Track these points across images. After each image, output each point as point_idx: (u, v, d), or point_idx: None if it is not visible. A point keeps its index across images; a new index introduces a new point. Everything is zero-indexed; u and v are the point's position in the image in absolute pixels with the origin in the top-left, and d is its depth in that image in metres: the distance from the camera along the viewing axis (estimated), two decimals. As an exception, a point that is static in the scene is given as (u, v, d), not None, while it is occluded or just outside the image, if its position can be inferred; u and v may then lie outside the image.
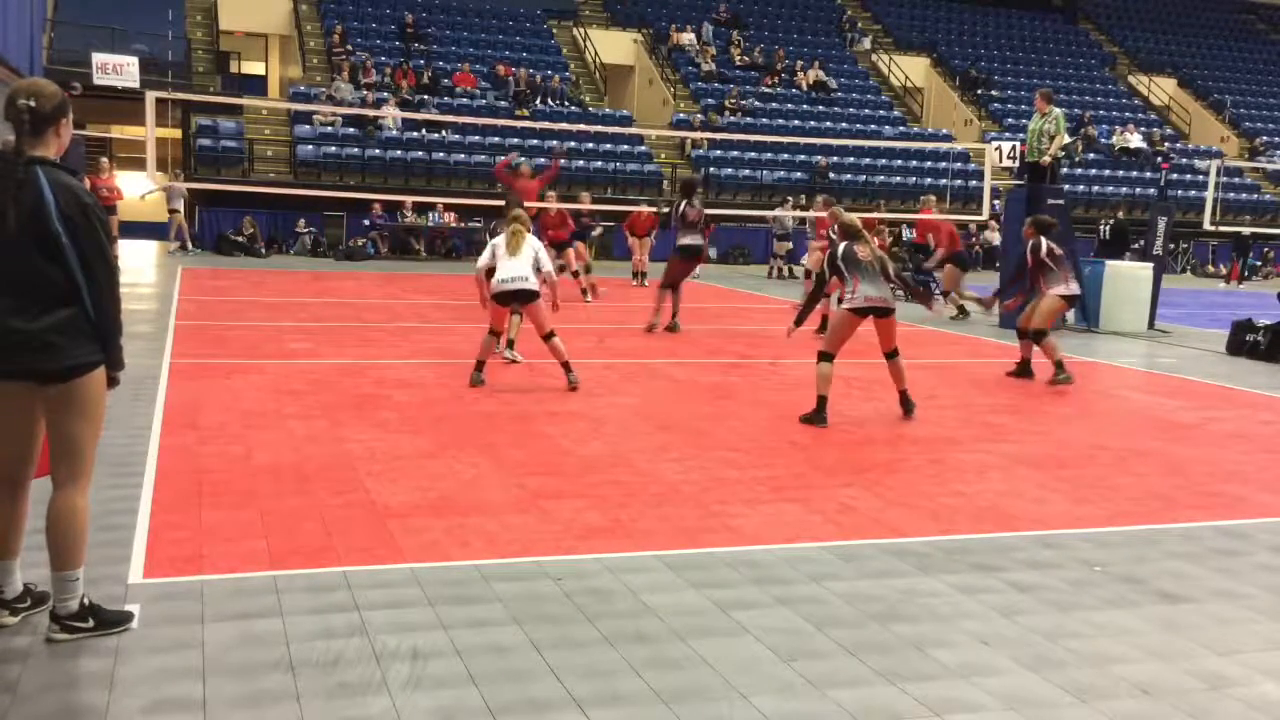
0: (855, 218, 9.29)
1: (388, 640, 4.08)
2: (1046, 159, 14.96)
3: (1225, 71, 39.67)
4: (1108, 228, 20.03)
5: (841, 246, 8.76)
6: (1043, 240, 10.73)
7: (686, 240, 13.75)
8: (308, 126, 26.01)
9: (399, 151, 26.03)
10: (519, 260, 9.47)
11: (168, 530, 5.22)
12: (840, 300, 9.02)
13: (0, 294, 3.84)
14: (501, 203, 16.72)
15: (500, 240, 9.63)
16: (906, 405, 8.72)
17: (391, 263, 22.93)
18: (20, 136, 3.87)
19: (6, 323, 3.82)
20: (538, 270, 9.47)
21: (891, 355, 8.74)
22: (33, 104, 3.86)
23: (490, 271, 9.48)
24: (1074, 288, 10.96)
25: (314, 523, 5.44)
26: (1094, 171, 31.94)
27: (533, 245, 9.62)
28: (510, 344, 10.59)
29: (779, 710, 3.67)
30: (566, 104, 28.88)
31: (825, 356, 8.53)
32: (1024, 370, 10.93)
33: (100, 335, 3.94)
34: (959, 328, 15.37)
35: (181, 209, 23.49)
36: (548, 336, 9.40)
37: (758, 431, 7.99)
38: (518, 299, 9.48)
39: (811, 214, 22.48)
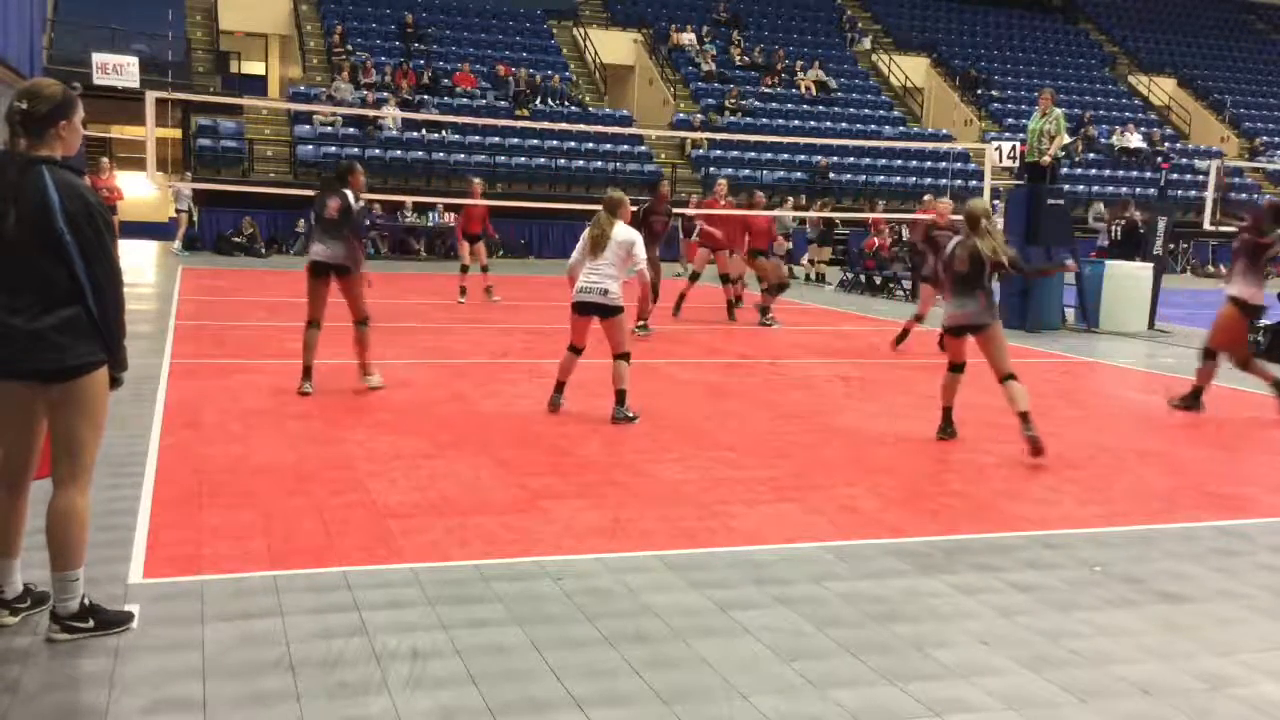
0: (980, 204, 7.78)
1: (388, 640, 4.08)
2: (1046, 159, 14.97)
3: (1225, 71, 39.66)
4: (1119, 227, 19.89)
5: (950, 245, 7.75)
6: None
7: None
8: (308, 126, 26.01)
9: (399, 151, 26.02)
10: (601, 262, 7.99)
11: (168, 530, 5.22)
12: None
13: (5, 294, 3.84)
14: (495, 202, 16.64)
15: (585, 235, 8.17)
16: (1031, 440, 7.19)
17: (391, 263, 22.91)
18: (15, 138, 3.86)
19: (8, 322, 3.82)
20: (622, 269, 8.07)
21: (1004, 380, 7.42)
22: (24, 106, 3.85)
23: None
24: (1260, 296, 9.12)
25: (314, 523, 5.44)
26: (1094, 171, 31.94)
27: (620, 239, 7.99)
28: (307, 374, 8.74)
29: (779, 710, 3.67)
30: (566, 104, 28.88)
31: (953, 367, 7.85)
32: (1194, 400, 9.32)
33: (103, 335, 3.94)
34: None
35: (188, 209, 23.50)
36: (618, 356, 8.16)
37: (758, 431, 7.99)
38: (598, 313, 8.06)
39: (809, 213, 22.42)
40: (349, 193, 8.68)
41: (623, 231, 8.07)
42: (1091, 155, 32.78)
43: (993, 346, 7.53)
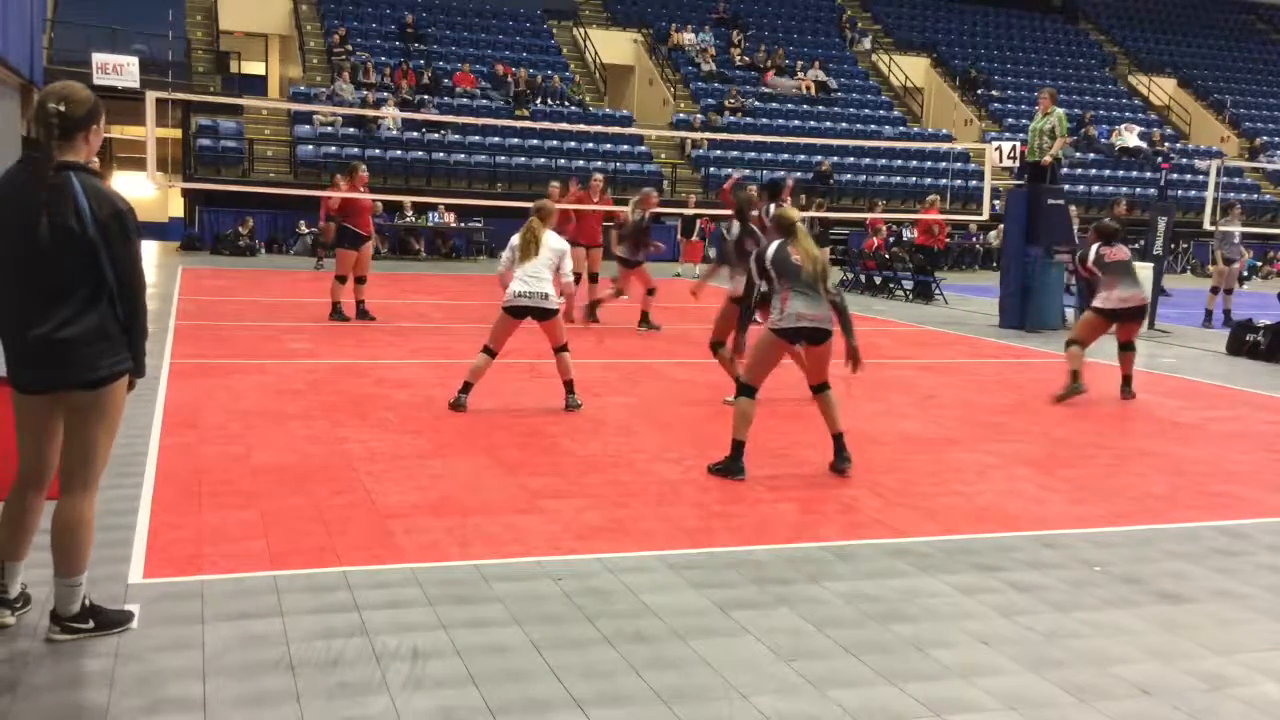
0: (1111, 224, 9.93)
1: (388, 640, 4.08)
2: (1048, 159, 14.96)
3: (1225, 71, 39.67)
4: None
5: (1094, 248, 9.64)
6: None
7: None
8: (308, 126, 26.02)
9: (399, 151, 26.03)
10: (536, 264, 8.23)
11: (168, 530, 5.22)
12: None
13: (31, 301, 3.81)
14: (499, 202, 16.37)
15: (516, 239, 8.40)
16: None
17: (391, 263, 22.91)
18: (49, 142, 3.80)
19: (36, 333, 3.80)
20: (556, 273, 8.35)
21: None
22: (62, 109, 3.79)
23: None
24: None
25: (314, 523, 5.44)
26: (1094, 171, 31.94)
27: (553, 246, 8.31)
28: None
29: (779, 710, 3.67)
30: (566, 104, 28.88)
31: (1072, 343, 9.56)
32: None
33: (130, 342, 3.94)
34: (958, 328, 15.34)
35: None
36: (559, 349, 8.43)
37: (758, 431, 7.97)
38: (536, 315, 8.31)
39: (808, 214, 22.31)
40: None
41: (555, 240, 8.37)
42: (1091, 155, 32.78)
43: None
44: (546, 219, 8.40)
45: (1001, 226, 24.58)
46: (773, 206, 11.48)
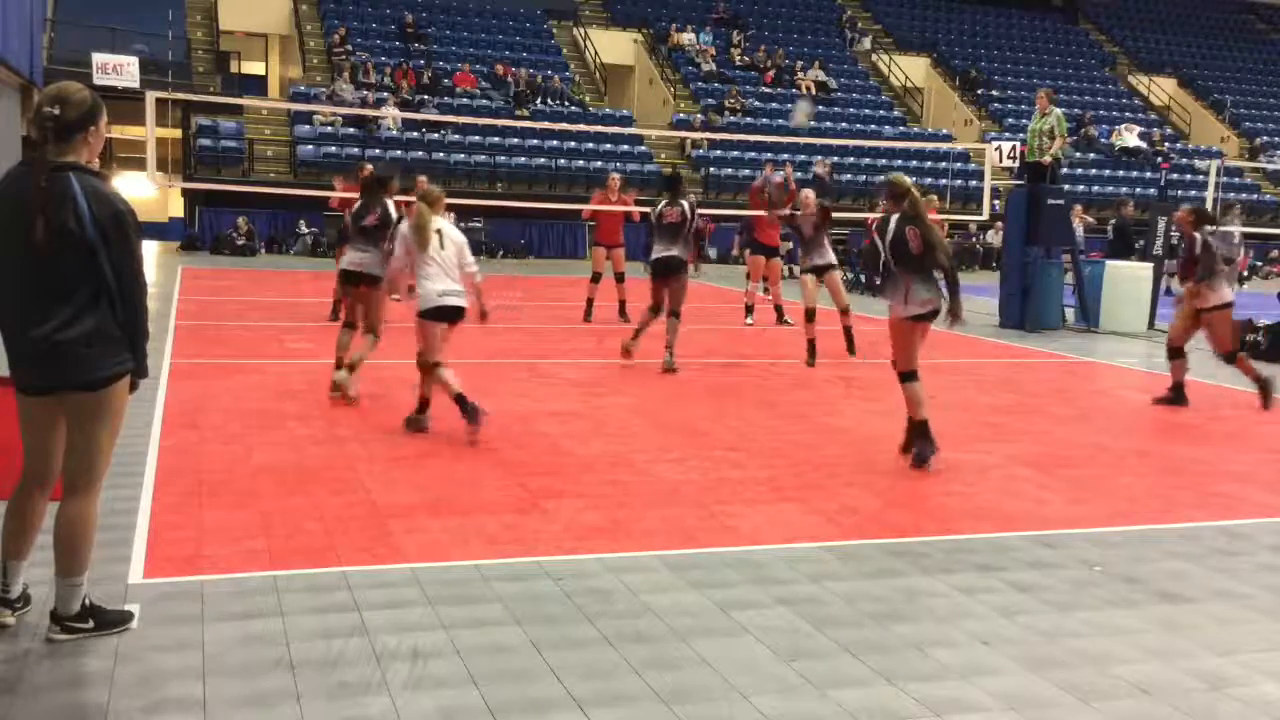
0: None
1: (388, 640, 4.08)
2: (1048, 159, 14.96)
3: (1225, 71, 39.65)
4: (1110, 226, 19.99)
5: None
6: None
7: (659, 253, 10.48)
8: (308, 126, 26.01)
9: (399, 151, 26.02)
10: (446, 263, 7.32)
11: (168, 530, 5.22)
12: None
13: (31, 302, 3.80)
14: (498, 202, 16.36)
15: (404, 227, 7.43)
16: None
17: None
18: (45, 145, 3.79)
19: (34, 334, 3.80)
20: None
21: None
22: (56, 112, 3.78)
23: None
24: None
25: (314, 523, 5.44)
26: (1094, 171, 31.94)
27: (457, 239, 7.46)
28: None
29: (779, 710, 3.67)
30: (566, 104, 28.88)
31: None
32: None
33: (131, 343, 3.94)
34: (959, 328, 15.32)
35: None
36: (437, 364, 7.39)
37: (758, 431, 7.99)
38: (457, 317, 7.45)
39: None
40: (389, 202, 8.64)
41: (454, 230, 7.58)
42: (1092, 155, 32.77)
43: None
44: (436, 205, 7.51)
45: (999, 224, 24.76)
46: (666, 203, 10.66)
